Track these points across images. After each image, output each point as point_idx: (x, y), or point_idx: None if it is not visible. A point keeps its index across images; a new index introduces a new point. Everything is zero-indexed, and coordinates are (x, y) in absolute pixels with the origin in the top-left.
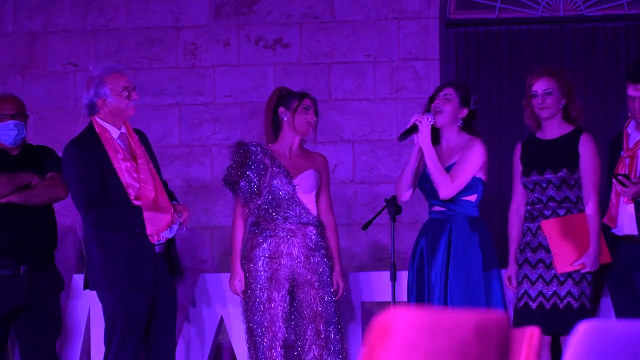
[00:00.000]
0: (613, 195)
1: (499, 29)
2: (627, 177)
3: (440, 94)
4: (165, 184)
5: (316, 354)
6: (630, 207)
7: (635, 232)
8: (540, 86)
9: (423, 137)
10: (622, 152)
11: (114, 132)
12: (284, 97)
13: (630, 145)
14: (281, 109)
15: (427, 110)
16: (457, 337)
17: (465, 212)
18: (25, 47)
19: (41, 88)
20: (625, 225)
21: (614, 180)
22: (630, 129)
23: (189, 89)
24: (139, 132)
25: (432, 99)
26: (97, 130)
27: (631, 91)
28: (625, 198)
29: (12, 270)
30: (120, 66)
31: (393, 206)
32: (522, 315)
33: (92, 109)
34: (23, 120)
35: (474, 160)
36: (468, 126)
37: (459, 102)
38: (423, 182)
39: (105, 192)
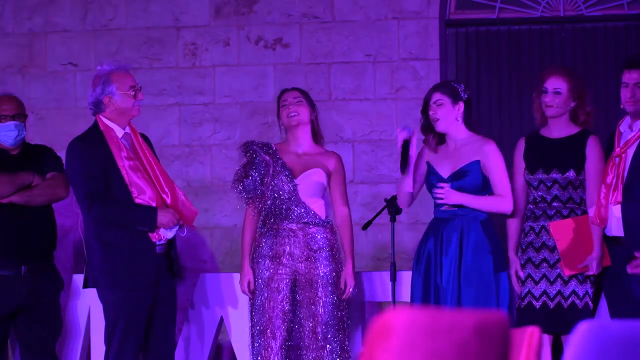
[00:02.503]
0: (602, 196)
1: (499, 29)
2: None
3: (431, 103)
4: None
5: (315, 355)
6: (617, 210)
7: (622, 234)
8: (551, 84)
9: (455, 198)
10: (613, 152)
11: (119, 132)
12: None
13: (621, 145)
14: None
15: (426, 124)
16: (457, 337)
17: (476, 214)
18: (25, 47)
19: (41, 88)
20: (613, 226)
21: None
22: (623, 126)
23: (189, 89)
24: (142, 136)
25: (425, 110)
26: (102, 128)
27: (625, 77)
28: (613, 199)
29: (13, 271)
30: (128, 66)
31: (393, 206)
32: (525, 314)
33: (98, 107)
34: (23, 120)
35: (501, 165)
36: (467, 117)
37: (451, 101)
38: (432, 180)
39: (108, 189)
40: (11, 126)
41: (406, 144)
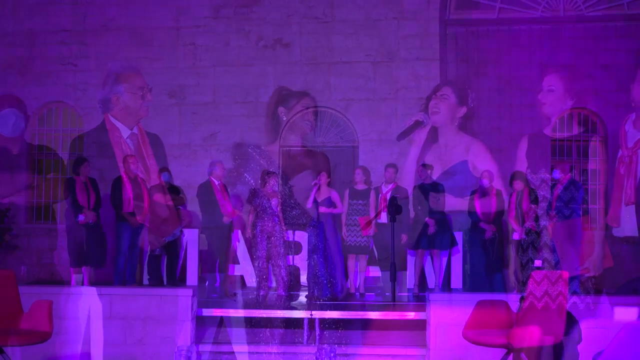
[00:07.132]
0: (615, 196)
1: (499, 29)
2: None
3: (437, 94)
4: (169, 182)
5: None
6: (631, 209)
7: (636, 234)
8: (546, 82)
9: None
10: (621, 151)
11: (125, 131)
12: (284, 97)
13: (630, 145)
14: (281, 109)
15: (425, 110)
16: None
17: (470, 214)
18: (25, 47)
19: (41, 88)
20: (626, 227)
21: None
22: (628, 126)
23: (189, 89)
24: (152, 136)
25: (429, 99)
26: (108, 127)
27: None
28: (626, 199)
29: (13, 271)
30: (138, 67)
31: (393, 206)
32: (527, 314)
33: (106, 105)
34: (21, 113)
35: (490, 163)
36: (465, 124)
37: (456, 101)
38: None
39: (106, 190)
40: (8, 113)
41: (416, 124)
